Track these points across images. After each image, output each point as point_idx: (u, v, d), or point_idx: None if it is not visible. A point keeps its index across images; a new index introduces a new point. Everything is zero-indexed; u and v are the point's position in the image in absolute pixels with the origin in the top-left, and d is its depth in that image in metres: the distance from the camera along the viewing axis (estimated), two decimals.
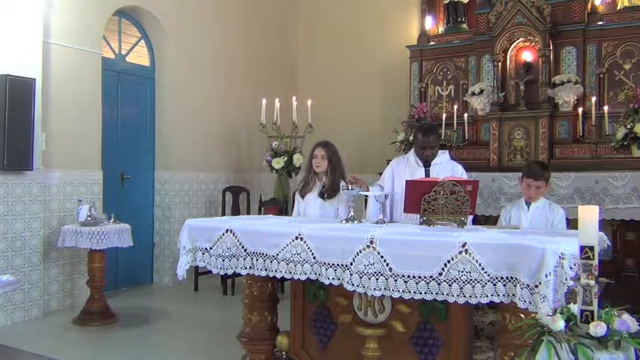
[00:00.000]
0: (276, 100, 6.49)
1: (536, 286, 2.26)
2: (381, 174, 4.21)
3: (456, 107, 6.44)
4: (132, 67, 6.43)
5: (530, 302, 2.28)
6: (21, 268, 4.95)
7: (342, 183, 3.85)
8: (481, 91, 6.36)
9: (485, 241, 2.50)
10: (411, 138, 6.36)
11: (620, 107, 5.77)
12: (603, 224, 4.95)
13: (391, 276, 2.58)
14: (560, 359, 1.73)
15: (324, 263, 2.76)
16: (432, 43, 6.99)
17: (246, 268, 3.02)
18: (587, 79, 6.03)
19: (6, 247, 4.85)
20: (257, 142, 7.19)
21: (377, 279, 2.60)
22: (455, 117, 6.32)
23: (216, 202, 7.01)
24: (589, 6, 6.10)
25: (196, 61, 6.85)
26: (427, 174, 3.67)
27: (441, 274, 2.48)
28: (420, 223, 3.14)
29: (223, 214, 6.66)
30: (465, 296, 2.44)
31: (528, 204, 3.70)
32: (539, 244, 2.33)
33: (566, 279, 2.23)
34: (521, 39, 6.21)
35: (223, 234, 3.10)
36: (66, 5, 5.44)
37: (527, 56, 6.30)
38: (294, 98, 6.58)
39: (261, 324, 3.41)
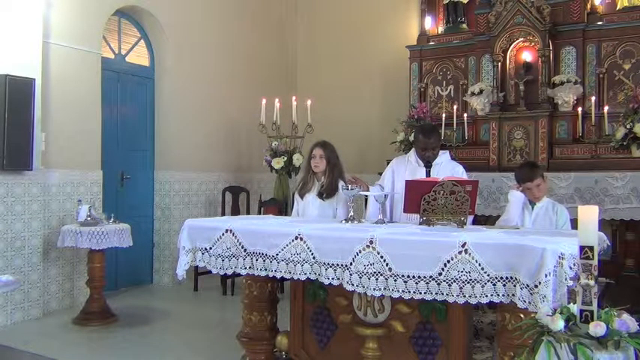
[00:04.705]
0: (276, 100, 6.49)
1: (536, 286, 2.26)
2: (381, 174, 4.21)
3: (455, 107, 6.44)
4: (131, 67, 6.43)
5: (529, 302, 2.28)
6: (20, 268, 4.94)
7: (342, 183, 3.86)
8: (481, 91, 6.36)
9: (485, 241, 2.50)
10: (410, 138, 6.36)
11: (619, 107, 5.76)
12: (603, 224, 4.95)
13: (391, 276, 2.58)
14: (560, 359, 1.73)
15: (324, 263, 2.76)
16: (431, 43, 6.99)
17: (245, 268, 3.03)
18: (587, 79, 6.02)
19: (5, 247, 4.85)
20: (257, 142, 7.19)
21: (377, 279, 2.60)
22: (454, 117, 6.32)
23: (216, 202, 7.01)
24: (588, 6, 6.09)
25: (196, 61, 6.86)
26: (428, 174, 3.67)
27: (440, 274, 2.48)
28: (420, 223, 3.14)
29: (223, 214, 6.66)
30: (464, 296, 2.44)
31: (533, 203, 3.71)
32: (538, 244, 2.33)
33: (565, 279, 2.23)
34: (520, 39, 6.21)
35: (223, 234, 3.10)
36: (66, 5, 5.44)
37: (527, 56, 6.30)
38: (293, 98, 6.58)
39: (260, 324, 3.41)
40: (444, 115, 6.44)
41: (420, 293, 2.52)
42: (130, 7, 6.22)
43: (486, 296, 2.41)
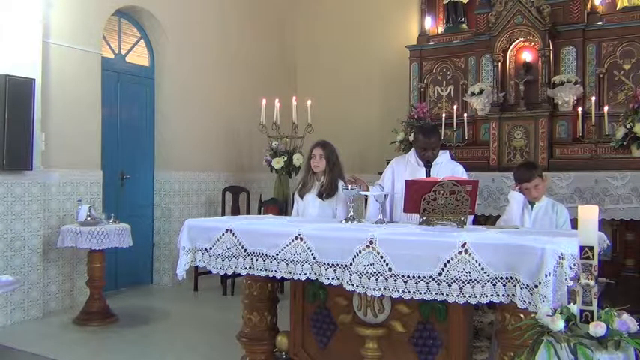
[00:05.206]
0: (276, 100, 6.49)
1: (536, 286, 2.26)
2: (381, 174, 4.21)
3: (455, 107, 6.44)
4: (131, 67, 6.43)
5: (529, 302, 2.28)
6: (20, 268, 4.94)
7: (341, 183, 3.86)
8: (481, 91, 6.35)
9: (485, 241, 2.50)
10: (410, 138, 6.36)
11: (619, 107, 5.77)
12: (603, 224, 4.95)
13: (391, 276, 2.58)
14: (560, 359, 1.73)
15: (324, 263, 2.76)
16: (431, 43, 6.99)
17: (245, 268, 3.02)
18: (587, 79, 6.03)
19: (5, 247, 4.85)
20: (257, 142, 7.20)
21: (377, 279, 2.60)
22: (454, 117, 6.32)
23: (216, 202, 7.01)
24: (588, 6, 6.10)
25: (196, 61, 6.85)
26: (428, 174, 3.67)
27: (440, 274, 2.48)
28: (420, 223, 3.14)
29: (223, 214, 6.66)
30: (464, 296, 2.44)
31: (532, 203, 3.71)
32: (538, 244, 2.33)
33: (565, 279, 2.23)
34: (520, 39, 6.21)
35: (223, 234, 3.10)
36: (66, 5, 5.44)
37: (527, 56, 6.30)
38: (294, 98, 6.58)
39: (260, 324, 3.41)
40: (444, 115, 6.44)
41: (420, 293, 2.52)
42: (130, 7, 6.22)
43: (486, 296, 2.41)
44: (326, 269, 2.75)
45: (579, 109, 5.84)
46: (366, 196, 3.98)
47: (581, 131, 5.85)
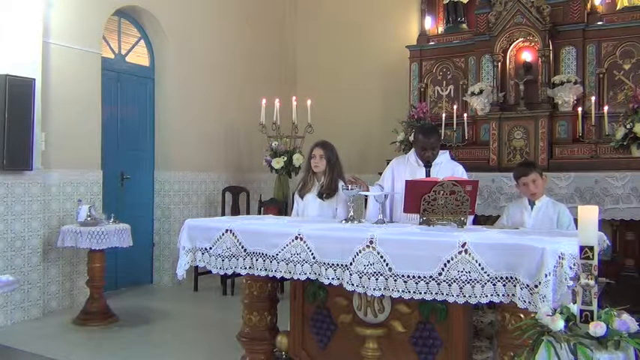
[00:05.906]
0: (276, 100, 6.49)
1: (536, 286, 2.26)
2: (381, 174, 4.21)
3: (455, 107, 6.44)
4: (131, 67, 6.43)
5: (529, 302, 2.28)
6: (20, 268, 4.94)
7: (341, 183, 3.86)
8: (481, 91, 6.35)
9: (485, 241, 2.50)
10: (410, 138, 6.36)
11: (619, 107, 5.77)
12: (603, 224, 4.95)
13: (391, 276, 2.58)
14: (560, 359, 1.73)
15: (324, 263, 2.76)
16: (431, 43, 6.99)
17: (245, 268, 3.03)
18: (587, 79, 6.02)
19: (6, 247, 4.85)
20: (257, 142, 7.20)
21: (377, 279, 2.60)
22: (454, 117, 6.32)
23: (216, 202, 7.01)
24: (588, 6, 6.09)
25: (196, 61, 6.85)
26: (428, 174, 3.67)
27: (440, 274, 2.48)
28: (420, 223, 3.15)
29: (223, 214, 6.66)
30: (464, 296, 2.44)
31: (532, 203, 3.70)
32: (538, 244, 2.33)
33: (565, 279, 2.24)
34: (520, 39, 6.21)
35: (223, 234, 3.11)
36: (66, 5, 5.44)
37: (527, 56, 6.30)
38: (293, 98, 6.58)
39: (260, 324, 3.41)
40: (444, 115, 6.44)
41: (420, 293, 2.53)
42: (130, 7, 6.22)
43: (486, 296, 2.41)
44: (326, 269, 2.75)
45: (579, 109, 5.84)
46: (366, 196, 3.98)
47: (581, 131, 5.85)
